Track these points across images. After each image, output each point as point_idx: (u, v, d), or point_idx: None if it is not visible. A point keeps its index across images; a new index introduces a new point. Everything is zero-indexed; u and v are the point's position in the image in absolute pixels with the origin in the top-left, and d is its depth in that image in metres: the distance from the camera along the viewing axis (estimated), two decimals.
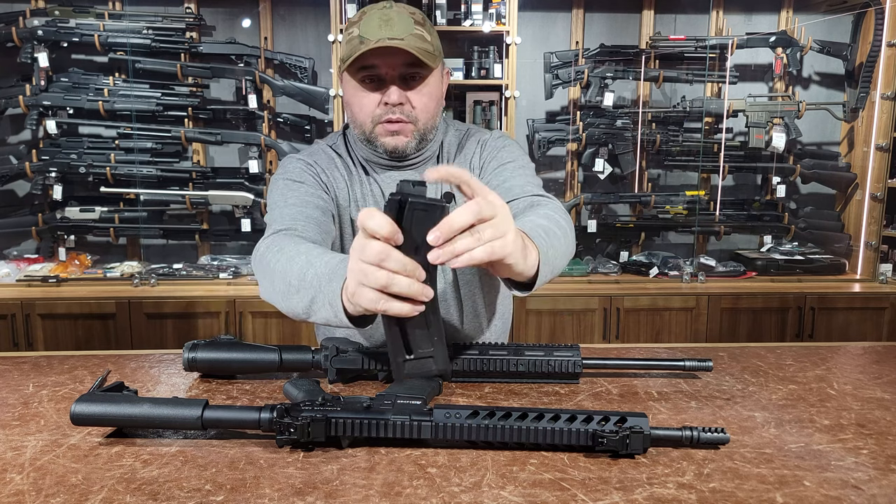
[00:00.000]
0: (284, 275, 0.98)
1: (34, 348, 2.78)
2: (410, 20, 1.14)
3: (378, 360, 1.06)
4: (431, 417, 0.83)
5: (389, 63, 1.14)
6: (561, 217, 1.07)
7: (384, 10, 1.14)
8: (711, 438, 0.83)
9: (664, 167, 3.35)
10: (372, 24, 1.12)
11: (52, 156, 3.02)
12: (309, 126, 3.17)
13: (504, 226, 0.78)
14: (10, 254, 3.21)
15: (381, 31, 1.11)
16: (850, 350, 1.32)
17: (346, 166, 1.30)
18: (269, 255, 1.04)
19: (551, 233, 0.99)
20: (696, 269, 3.16)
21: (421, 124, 1.21)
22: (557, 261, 0.99)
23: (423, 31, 1.15)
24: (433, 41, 1.17)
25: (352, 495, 0.73)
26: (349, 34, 1.15)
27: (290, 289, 0.97)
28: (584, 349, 1.14)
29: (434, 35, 1.19)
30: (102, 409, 0.86)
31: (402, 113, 1.18)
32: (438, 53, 1.19)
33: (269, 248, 1.05)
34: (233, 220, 3.21)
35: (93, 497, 0.73)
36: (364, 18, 1.14)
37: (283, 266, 0.99)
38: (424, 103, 1.19)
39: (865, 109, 3.18)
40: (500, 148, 1.29)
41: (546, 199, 1.15)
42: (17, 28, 2.93)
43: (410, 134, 1.20)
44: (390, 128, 1.19)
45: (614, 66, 3.14)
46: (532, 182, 1.22)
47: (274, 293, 1.02)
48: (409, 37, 1.12)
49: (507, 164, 1.25)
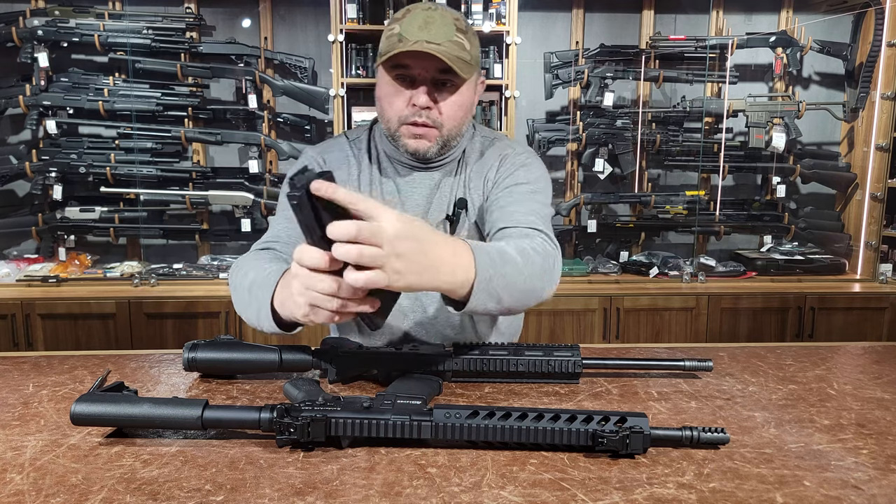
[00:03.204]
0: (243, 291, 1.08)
1: (34, 348, 2.77)
2: (453, 26, 1.13)
3: (378, 360, 1.06)
4: (431, 417, 0.83)
5: (423, 66, 1.13)
6: (539, 251, 1.05)
7: (428, 11, 1.13)
8: (711, 438, 0.83)
9: (664, 167, 3.35)
10: (413, 25, 1.11)
11: (52, 156, 3.02)
12: (309, 126, 3.17)
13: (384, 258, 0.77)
14: (10, 254, 3.21)
15: (421, 32, 1.10)
16: (850, 350, 1.32)
17: (359, 164, 1.30)
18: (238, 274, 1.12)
19: (510, 261, 0.97)
20: (696, 269, 3.16)
21: (445, 131, 1.20)
22: (509, 290, 0.97)
23: (464, 39, 1.14)
24: (472, 50, 1.15)
25: (352, 495, 0.73)
26: (390, 30, 1.15)
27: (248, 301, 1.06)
28: (584, 349, 1.14)
29: (474, 44, 1.17)
30: (102, 409, 0.86)
31: (428, 117, 1.17)
32: (475, 63, 1.17)
33: (236, 267, 1.14)
34: (233, 220, 3.21)
35: (93, 497, 0.73)
36: (407, 17, 1.13)
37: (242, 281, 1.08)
38: (452, 111, 1.18)
39: (865, 109, 3.18)
40: (520, 166, 1.26)
41: (539, 233, 1.12)
42: (17, 28, 2.93)
43: (434, 139, 1.20)
44: (415, 130, 1.18)
45: (614, 66, 3.13)
46: (538, 213, 1.18)
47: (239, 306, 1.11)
48: (448, 43, 1.11)
49: (519, 186, 1.22)
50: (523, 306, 1.05)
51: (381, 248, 0.76)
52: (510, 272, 0.96)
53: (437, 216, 1.28)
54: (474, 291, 0.91)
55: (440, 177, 1.28)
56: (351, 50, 2.98)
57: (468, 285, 0.91)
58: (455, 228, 1.27)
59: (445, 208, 1.28)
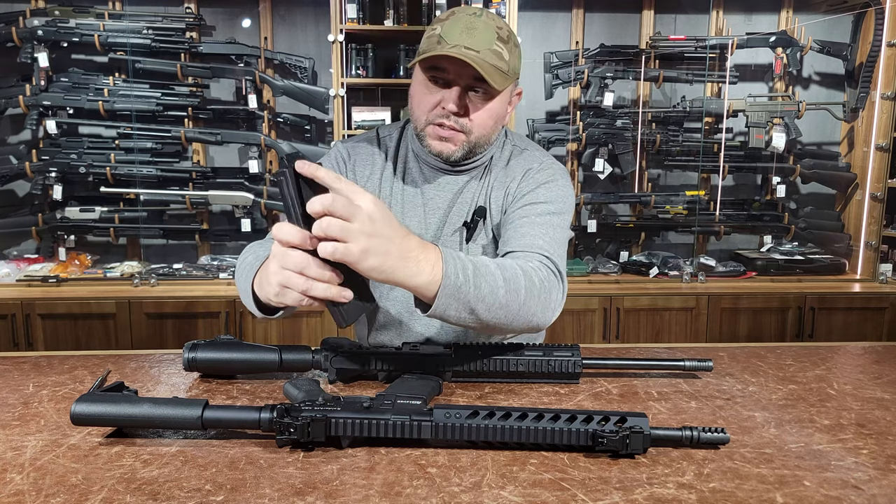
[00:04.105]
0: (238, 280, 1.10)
1: (34, 348, 2.77)
2: (494, 35, 1.11)
3: (378, 360, 1.06)
4: (431, 417, 0.83)
5: (458, 72, 1.12)
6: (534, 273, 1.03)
7: (472, 16, 1.13)
8: (711, 438, 0.83)
9: (664, 167, 3.35)
10: (455, 28, 1.11)
11: (52, 156, 3.02)
12: (309, 126, 3.17)
13: (355, 233, 0.81)
14: (10, 254, 3.20)
15: (462, 37, 1.09)
16: (850, 350, 1.32)
17: (384, 162, 1.30)
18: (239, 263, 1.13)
19: (487, 273, 0.96)
20: (696, 269, 3.15)
21: (473, 137, 1.18)
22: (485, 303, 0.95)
23: (503, 49, 1.12)
24: (510, 61, 1.14)
25: (352, 495, 0.73)
26: (432, 30, 1.14)
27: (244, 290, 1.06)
28: (584, 349, 1.14)
29: (514, 55, 1.15)
30: (102, 409, 0.86)
31: (455, 122, 1.16)
32: (513, 75, 1.16)
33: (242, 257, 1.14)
34: (233, 220, 3.21)
35: (93, 497, 0.73)
36: (451, 19, 1.13)
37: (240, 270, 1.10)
38: (482, 119, 1.17)
39: (865, 109, 3.18)
40: (542, 183, 1.23)
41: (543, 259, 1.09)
42: (17, 28, 2.93)
43: (459, 144, 1.18)
44: (441, 132, 1.17)
45: (614, 66, 3.13)
46: (551, 237, 1.15)
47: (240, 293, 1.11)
48: (487, 52, 1.10)
49: (537, 206, 1.19)
50: (509, 326, 1.01)
51: (351, 223, 0.80)
52: (485, 284, 0.95)
53: (456, 222, 1.26)
54: (439, 294, 0.90)
55: (465, 181, 1.27)
56: (351, 50, 2.98)
57: (434, 287, 0.90)
58: (471, 236, 1.25)
59: (465, 214, 1.26)
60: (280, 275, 0.86)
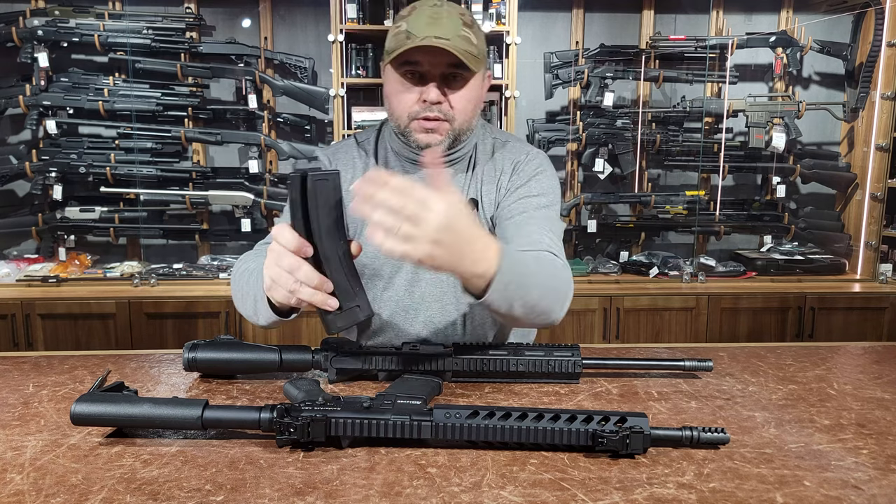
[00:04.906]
0: (241, 285, 1.13)
1: (34, 348, 2.77)
2: (459, 21, 1.14)
3: (378, 360, 1.06)
4: (431, 417, 0.83)
5: (433, 62, 1.14)
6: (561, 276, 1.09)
7: (434, 7, 1.15)
8: (711, 438, 0.83)
9: (664, 167, 3.34)
10: (420, 21, 1.13)
11: (52, 156, 3.02)
12: (309, 126, 3.17)
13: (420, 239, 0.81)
14: (10, 254, 3.20)
15: (429, 28, 1.11)
16: (850, 350, 1.32)
17: (364, 165, 1.31)
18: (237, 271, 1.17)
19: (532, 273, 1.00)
20: (696, 269, 3.15)
21: (457, 124, 1.20)
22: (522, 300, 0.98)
23: (470, 34, 1.15)
24: (479, 44, 1.17)
25: (352, 495, 0.73)
26: (397, 27, 1.16)
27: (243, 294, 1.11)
28: (584, 349, 1.14)
29: (481, 38, 1.18)
30: (102, 409, 0.86)
31: (439, 111, 1.18)
32: (483, 57, 1.19)
33: (237, 265, 1.19)
34: (233, 220, 3.21)
35: (93, 497, 0.73)
36: (413, 14, 1.15)
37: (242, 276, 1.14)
38: (463, 105, 1.19)
39: (865, 109, 3.18)
40: (532, 175, 1.26)
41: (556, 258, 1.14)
42: (17, 28, 2.93)
43: (445, 133, 1.20)
44: (426, 125, 1.19)
45: (614, 66, 3.13)
46: (552, 230, 1.19)
47: (236, 302, 1.16)
48: (456, 38, 1.12)
49: (532, 199, 1.23)
50: (530, 322, 1.05)
51: (418, 230, 0.81)
52: (528, 282, 0.98)
53: None
54: (491, 289, 0.92)
55: (450, 175, 1.28)
56: (351, 50, 2.98)
57: (486, 280, 0.92)
58: None
59: None
60: (272, 270, 0.92)
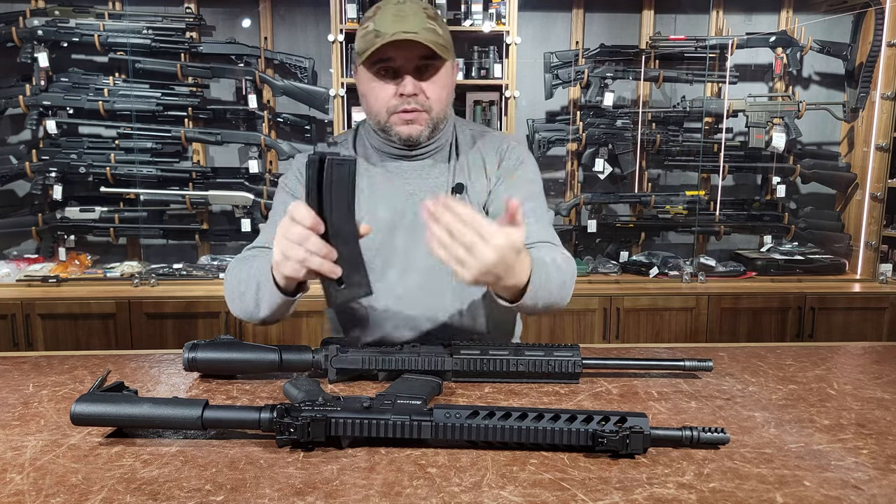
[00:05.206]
0: (239, 282, 1.17)
1: (34, 348, 2.77)
2: (423, 14, 1.19)
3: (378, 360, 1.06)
4: (431, 417, 0.83)
5: (405, 56, 1.19)
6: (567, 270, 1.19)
7: (398, 5, 1.19)
8: (711, 438, 0.83)
9: (664, 167, 3.34)
10: (387, 19, 1.17)
11: (52, 156, 3.01)
12: (309, 126, 3.16)
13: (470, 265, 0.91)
14: (10, 254, 3.20)
15: (396, 25, 1.16)
16: (850, 350, 1.32)
17: None
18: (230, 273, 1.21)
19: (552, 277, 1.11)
20: (696, 269, 3.15)
21: (434, 113, 1.25)
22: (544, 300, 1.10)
23: (436, 26, 1.20)
24: (444, 35, 1.22)
25: (352, 495, 0.73)
26: (364, 28, 1.21)
27: (242, 288, 1.15)
28: (584, 349, 1.14)
29: (445, 29, 1.24)
30: (102, 409, 0.86)
31: (416, 103, 1.22)
32: (450, 47, 1.24)
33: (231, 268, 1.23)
34: (233, 220, 3.21)
35: (93, 497, 0.73)
36: (378, 13, 1.19)
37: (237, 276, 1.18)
38: (437, 93, 1.24)
39: (865, 109, 3.18)
40: (519, 164, 1.33)
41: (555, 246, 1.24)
42: (17, 28, 2.92)
43: (424, 123, 1.25)
44: (405, 117, 1.23)
45: (614, 66, 3.13)
46: (547, 221, 1.30)
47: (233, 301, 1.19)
48: (423, 31, 1.16)
49: (522, 189, 1.29)
50: (545, 311, 1.16)
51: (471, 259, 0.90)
52: (551, 284, 1.10)
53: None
54: (524, 297, 1.04)
55: (431, 164, 1.32)
56: (351, 50, 2.97)
57: (518, 291, 1.03)
58: None
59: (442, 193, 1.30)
60: (282, 243, 0.96)
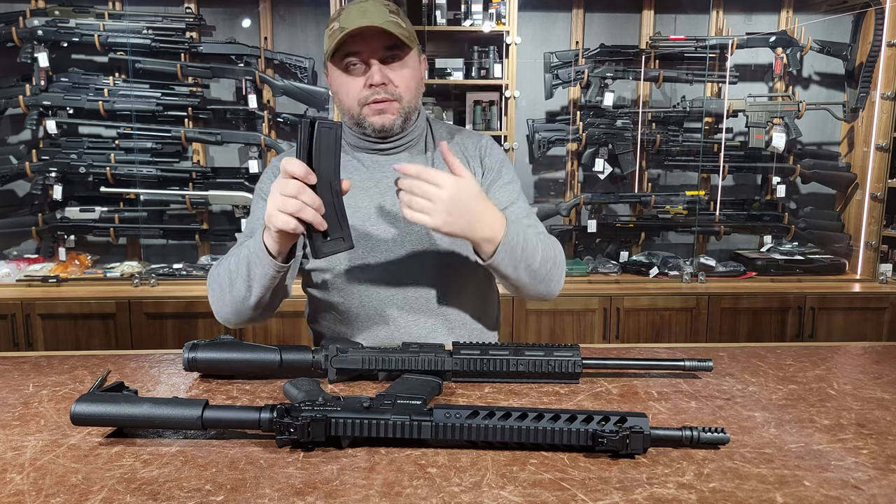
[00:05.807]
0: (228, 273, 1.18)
1: (34, 348, 2.77)
2: (385, 10, 1.24)
3: (378, 360, 1.06)
4: (431, 417, 0.83)
5: (371, 47, 1.23)
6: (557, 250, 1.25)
7: (362, 3, 1.24)
8: (711, 438, 0.83)
9: (664, 167, 3.34)
10: (350, 16, 1.22)
11: (52, 156, 3.01)
12: None
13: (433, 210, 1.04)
14: (10, 254, 3.20)
15: (360, 20, 1.20)
16: (850, 350, 1.32)
17: None
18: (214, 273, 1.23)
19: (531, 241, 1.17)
20: (696, 269, 3.15)
21: (405, 102, 1.28)
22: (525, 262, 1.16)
23: (398, 19, 1.25)
24: (408, 27, 1.27)
25: (352, 495, 0.73)
26: (330, 29, 1.25)
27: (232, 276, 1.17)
28: (584, 349, 1.14)
29: (408, 23, 1.29)
30: (102, 409, 0.86)
31: (386, 92, 1.25)
32: (414, 38, 1.29)
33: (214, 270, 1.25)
34: (233, 220, 3.21)
35: (93, 497, 0.73)
36: (343, 13, 1.25)
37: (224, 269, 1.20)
38: (406, 83, 1.27)
39: (865, 109, 3.18)
40: (501, 163, 1.38)
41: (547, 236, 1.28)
42: (17, 28, 2.92)
43: (396, 112, 1.28)
44: (377, 107, 1.26)
45: (614, 66, 3.13)
46: (531, 215, 1.35)
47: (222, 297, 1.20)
48: (386, 22, 1.21)
49: (506, 186, 1.35)
50: (533, 288, 1.21)
51: (432, 203, 1.04)
52: (529, 248, 1.16)
53: None
54: (499, 249, 1.11)
55: (408, 158, 1.35)
56: None
57: (494, 244, 1.11)
58: None
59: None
60: (276, 198, 1.00)
